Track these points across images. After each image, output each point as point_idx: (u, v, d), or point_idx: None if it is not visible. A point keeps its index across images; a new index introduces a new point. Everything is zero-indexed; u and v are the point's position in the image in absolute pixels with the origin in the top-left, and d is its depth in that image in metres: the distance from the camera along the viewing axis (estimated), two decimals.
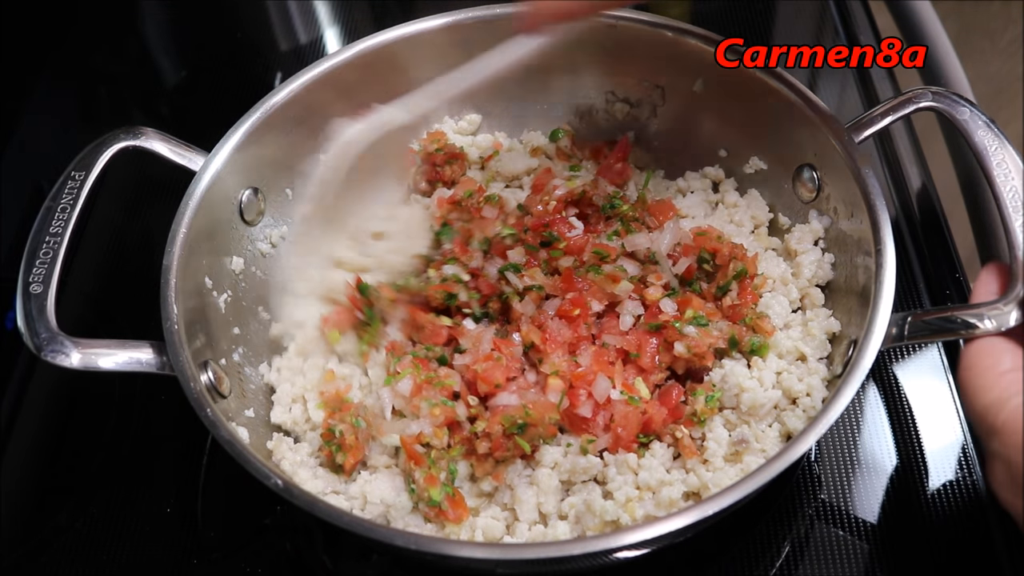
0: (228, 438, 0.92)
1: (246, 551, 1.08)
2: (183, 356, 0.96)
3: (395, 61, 1.23)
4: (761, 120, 1.17)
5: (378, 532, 0.88)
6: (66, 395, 1.25)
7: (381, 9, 1.74)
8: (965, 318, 0.91)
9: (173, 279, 1.01)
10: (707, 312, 1.07)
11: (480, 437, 1.01)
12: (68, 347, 0.93)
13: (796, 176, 1.16)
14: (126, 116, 1.62)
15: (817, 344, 1.06)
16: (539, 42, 1.03)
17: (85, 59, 1.69)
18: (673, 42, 1.19)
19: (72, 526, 1.11)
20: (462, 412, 1.03)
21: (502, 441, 1.00)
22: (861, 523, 1.05)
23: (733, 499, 0.84)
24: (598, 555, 0.85)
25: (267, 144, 1.17)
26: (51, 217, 1.02)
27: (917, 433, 1.11)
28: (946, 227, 1.30)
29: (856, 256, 1.05)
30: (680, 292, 1.10)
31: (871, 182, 1.02)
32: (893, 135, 1.39)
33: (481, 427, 1.02)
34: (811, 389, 1.02)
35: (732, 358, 1.06)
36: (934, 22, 1.54)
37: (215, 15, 1.73)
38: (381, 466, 1.05)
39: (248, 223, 1.18)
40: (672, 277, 1.11)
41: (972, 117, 1.01)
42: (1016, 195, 0.96)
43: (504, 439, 1.00)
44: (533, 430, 1.00)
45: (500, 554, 0.88)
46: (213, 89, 1.60)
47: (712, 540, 1.04)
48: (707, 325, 1.05)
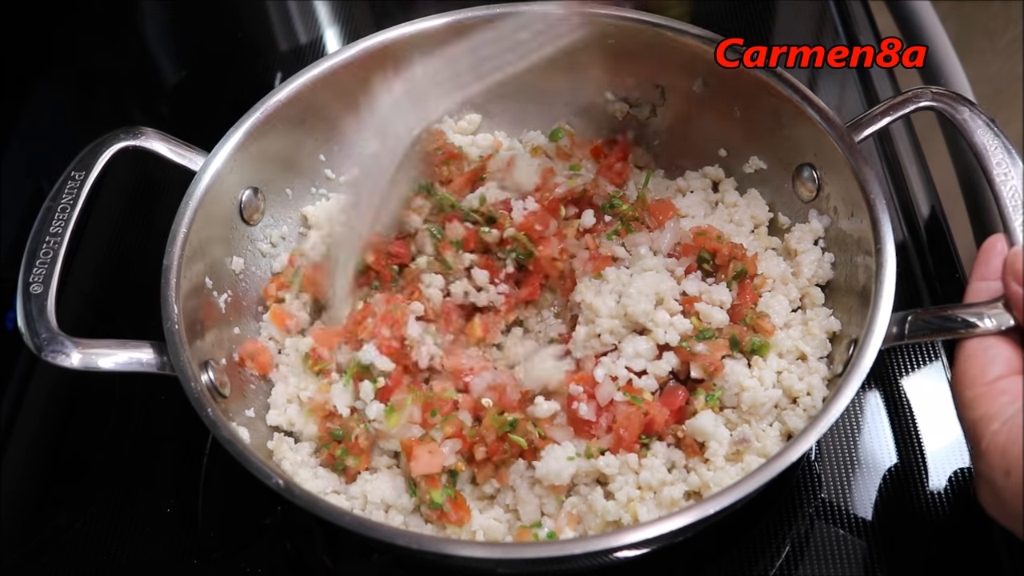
0: (229, 438, 0.92)
1: (246, 551, 1.08)
2: (184, 356, 0.96)
3: (395, 61, 1.23)
4: (761, 119, 1.17)
5: (379, 531, 0.88)
6: (66, 395, 1.24)
7: (381, 9, 1.74)
8: (965, 317, 0.91)
9: (173, 279, 1.01)
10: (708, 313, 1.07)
11: (476, 442, 1.01)
12: (68, 347, 0.93)
13: (796, 175, 1.16)
14: (126, 116, 1.62)
15: (817, 343, 1.06)
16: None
17: (85, 59, 1.69)
18: (673, 42, 1.19)
19: (72, 526, 1.11)
20: (466, 418, 1.03)
21: (497, 444, 1.00)
22: (861, 522, 1.05)
23: (734, 498, 0.84)
24: (599, 554, 0.85)
25: (267, 144, 1.17)
26: (51, 217, 1.02)
27: (917, 432, 1.11)
28: (946, 227, 1.30)
29: (856, 255, 1.05)
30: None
31: (871, 181, 1.02)
32: (893, 135, 1.39)
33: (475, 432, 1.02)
34: (811, 388, 1.02)
35: (733, 357, 1.06)
36: (934, 22, 1.54)
37: (215, 15, 1.73)
38: (382, 467, 1.05)
39: (248, 223, 1.18)
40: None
41: (972, 117, 1.01)
42: (1016, 195, 0.96)
43: (499, 441, 1.01)
44: (523, 424, 1.00)
45: (501, 553, 0.88)
46: (213, 89, 1.60)
47: (713, 539, 1.04)
48: (715, 337, 1.05)
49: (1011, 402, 0.85)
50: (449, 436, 1.01)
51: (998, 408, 0.85)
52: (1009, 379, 0.87)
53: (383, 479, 1.03)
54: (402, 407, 1.03)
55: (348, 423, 1.05)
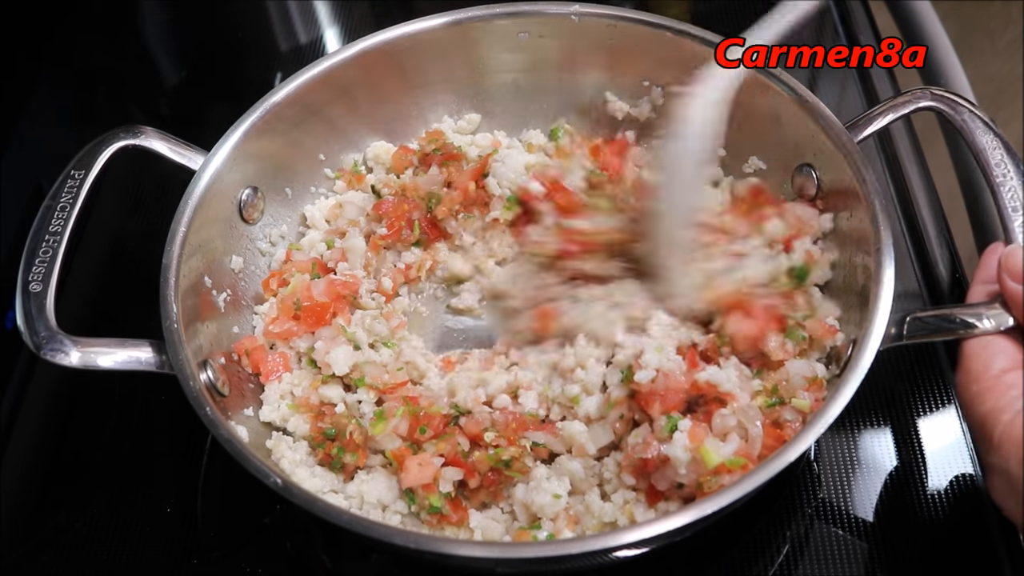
0: (227, 437, 0.92)
1: (246, 551, 1.08)
2: (183, 355, 0.96)
3: (395, 61, 1.23)
4: (760, 119, 1.17)
5: (377, 531, 0.88)
6: (66, 395, 1.24)
7: (381, 9, 1.74)
8: (964, 317, 0.91)
9: (173, 278, 1.02)
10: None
11: (470, 473, 1.00)
12: (68, 346, 0.93)
13: (795, 175, 1.16)
14: (126, 115, 1.62)
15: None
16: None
17: (85, 59, 1.69)
18: (673, 42, 1.19)
19: (72, 526, 1.11)
20: (464, 442, 1.02)
21: (491, 477, 1.00)
22: (860, 522, 1.05)
23: (731, 498, 0.84)
24: (597, 554, 0.85)
25: (267, 143, 1.17)
26: (50, 216, 1.02)
27: (917, 433, 1.11)
28: (946, 227, 1.30)
29: (855, 255, 1.05)
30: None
31: (870, 181, 1.02)
32: (893, 135, 1.39)
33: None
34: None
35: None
36: (934, 22, 1.54)
37: (215, 15, 1.73)
38: (377, 465, 1.05)
39: (248, 222, 1.18)
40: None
41: (971, 117, 1.01)
42: (1015, 195, 0.96)
43: (493, 474, 1.00)
44: (517, 463, 1.00)
45: (499, 553, 0.88)
46: (213, 89, 1.60)
47: (711, 540, 1.04)
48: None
49: (1020, 395, 0.85)
50: (442, 454, 1.00)
51: (1008, 401, 0.85)
52: (1014, 373, 0.88)
53: (379, 479, 1.03)
54: (392, 415, 1.02)
55: (340, 420, 1.05)
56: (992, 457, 0.86)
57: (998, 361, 0.88)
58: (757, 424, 0.95)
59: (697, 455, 0.93)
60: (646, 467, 0.96)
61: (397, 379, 1.08)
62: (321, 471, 1.05)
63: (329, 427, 1.04)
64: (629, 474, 0.98)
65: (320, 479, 1.04)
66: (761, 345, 1.03)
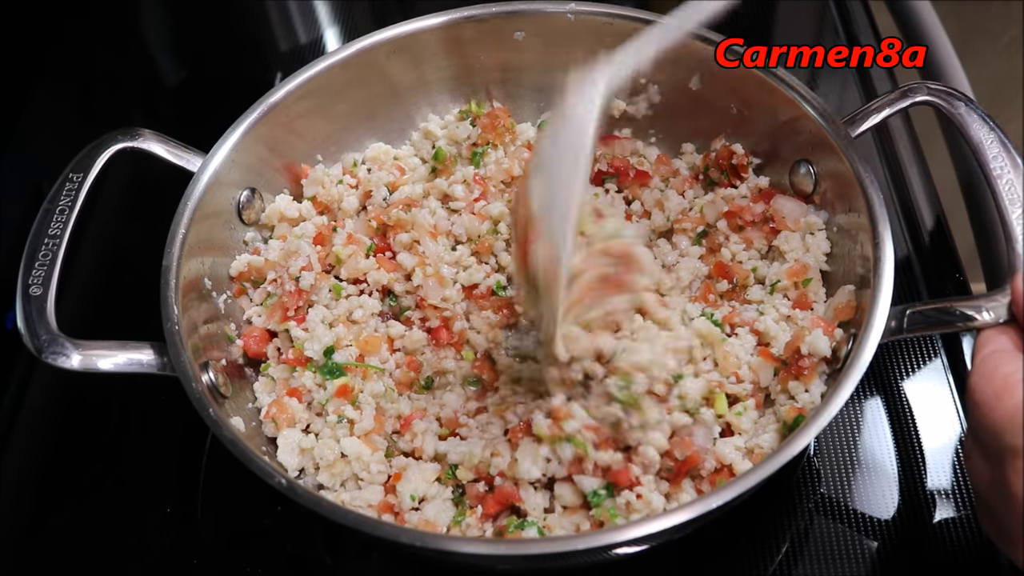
0: (231, 438, 0.92)
1: (246, 551, 1.08)
2: (184, 357, 0.96)
3: (394, 61, 1.23)
4: (757, 115, 1.17)
5: (383, 530, 0.88)
6: (66, 395, 1.24)
7: (381, 9, 1.74)
8: (963, 310, 0.91)
9: (173, 280, 1.01)
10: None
11: (470, 497, 1.00)
12: (68, 348, 0.93)
13: (793, 171, 1.16)
14: (125, 116, 1.62)
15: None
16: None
17: (85, 59, 1.69)
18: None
19: (72, 526, 1.11)
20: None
21: (493, 508, 0.99)
22: (861, 519, 1.04)
23: (732, 494, 0.84)
24: (598, 551, 0.85)
25: (265, 144, 1.17)
26: (50, 219, 1.02)
27: (916, 429, 1.11)
28: (946, 225, 1.30)
29: (854, 250, 1.05)
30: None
31: (867, 176, 1.02)
32: (892, 133, 1.39)
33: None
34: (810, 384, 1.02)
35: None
36: (934, 22, 1.54)
37: (215, 15, 1.73)
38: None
39: (247, 223, 1.18)
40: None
41: (967, 111, 1.01)
42: (1012, 189, 0.96)
43: (496, 505, 0.99)
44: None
45: (501, 550, 0.88)
46: (213, 89, 1.60)
47: (712, 536, 1.04)
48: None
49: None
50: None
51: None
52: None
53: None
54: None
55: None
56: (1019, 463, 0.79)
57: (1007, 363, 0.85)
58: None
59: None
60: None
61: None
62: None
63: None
64: None
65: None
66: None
